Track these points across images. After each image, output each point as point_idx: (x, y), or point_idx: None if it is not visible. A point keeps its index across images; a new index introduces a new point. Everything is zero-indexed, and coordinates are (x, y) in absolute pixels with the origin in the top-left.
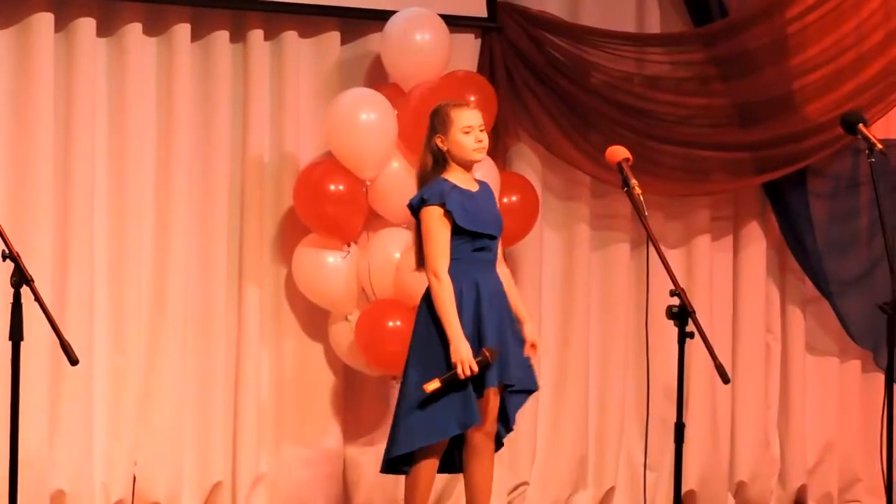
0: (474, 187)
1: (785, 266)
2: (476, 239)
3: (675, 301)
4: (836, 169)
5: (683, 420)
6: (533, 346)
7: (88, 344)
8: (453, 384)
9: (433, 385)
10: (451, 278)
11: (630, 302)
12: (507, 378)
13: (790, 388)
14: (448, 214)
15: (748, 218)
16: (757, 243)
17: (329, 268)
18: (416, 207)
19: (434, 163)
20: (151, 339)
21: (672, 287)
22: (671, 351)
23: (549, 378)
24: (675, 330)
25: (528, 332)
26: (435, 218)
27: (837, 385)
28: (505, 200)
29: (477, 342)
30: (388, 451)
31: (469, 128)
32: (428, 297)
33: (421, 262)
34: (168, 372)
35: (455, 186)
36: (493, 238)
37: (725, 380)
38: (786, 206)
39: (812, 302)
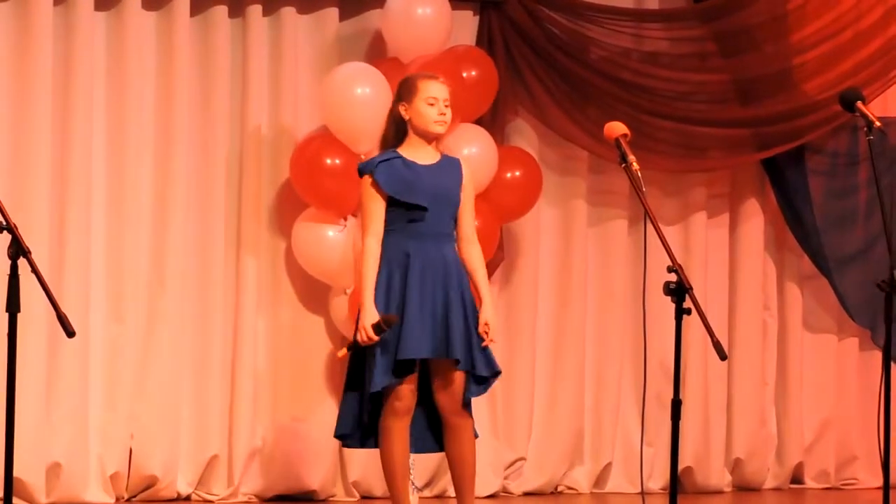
0: (430, 160)
1: (782, 243)
2: (410, 210)
3: (673, 277)
4: (835, 146)
5: (680, 397)
6: (485, 327)
7: (85, 316)
8: (361, 349)
9: (342, 352)
10: (384, 247)
11: (627, 278)
12: (449, 353)
13: (787, 366)
14: (375, 184)
15: (746, 195)
16: (754, 220)
17: (327, 241)
18: (359, 176)
19: (395, 132)
20: (149, 311)
21: (669, 263)
22: (668, 327)
23: (545, 354)
24: (673, 306)
25: (483, 312)
26: (365, 186)
27: (835, 363)
28: (508, 175)
29: (385, 310)
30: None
31: (434, 99)
32: None
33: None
34: (165, 345)
35: (396, 157)
36: (424, 210)
37: (722, 356)
38: (784, 182)
39: (810, 279)
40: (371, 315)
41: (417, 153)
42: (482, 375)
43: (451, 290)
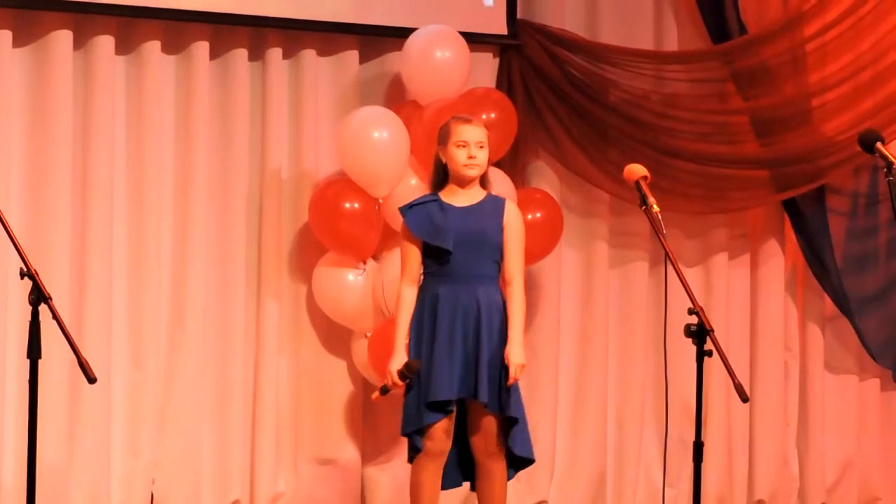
0: (468, 202)
1: (803, 283)
2: (440, 253)
3: (694, 319)
4: (855, 186)
5: (702, 438)
6: (507, 364)
7: (106, 361)
8: (388, 392)
9: (375, 394)
10: (420, 290)
11: (648, 320)
12: (477, 396)
13: (809, 407)
14: (406, 227)
15: (766, 235)
16: (775, 261)
17: (348, 285)
18: None
19: (435, 176)
20: (169, 356)
21: (690, 305)
22: (689, 369)
23: (567, 396)
24: (694, 348)
25: (507, 351)
26: (402, 230)
27: (856, 403)
28: (528, 217)
29: (415, 353)
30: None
31: (464, 142)
32: None
33: None
34: (186, 390)
35: (433, 201)
36: (449, 253)
37: (744, 398)
38: (804, 223)
39: (831, 320)
40: (398, 360)
41: (456, 196)
42: (520, 457)
43: (481, 332)
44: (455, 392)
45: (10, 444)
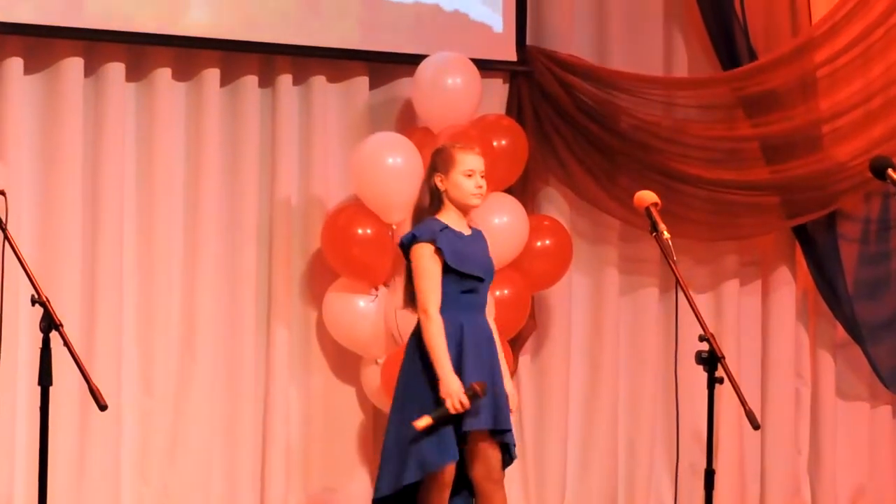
0: (466, 231)
1: (815, 310)
2: (464, 280)
3: (705, 346)
4: (866, 212)
5: (714, 466)
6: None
7: (117, 388)
8: (445, 420)
9: (424, 421)
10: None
11: (659, 347)
12: (500, 423)
13: (821, 434)
14: (439, 252)
15: (777, 262)
16: (786, 287)
17: (358, 311)
18: (406, 245)
19: (430, 202)
20: (180, 382)
21: (701, 332)
22: (700, 396)
23: (577, 422)
24: (705, 375)
25: (506, 384)
26: (426, 255)
27: (868, 430)
28: (538, 244)
29: (460, 380)
30: (375, 490)
31: (471, 171)
32: (417, 335)
33: (409, 299)
34: (196, 417)
35: (446, 227)
36: (480, 281)
37: (755, 426)
38: (815, 249)
39: (842, 346)
40: (454, 383)
41: (456, 224)
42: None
43: (493, 360)
44: (488, 422)
45: (21, 470)
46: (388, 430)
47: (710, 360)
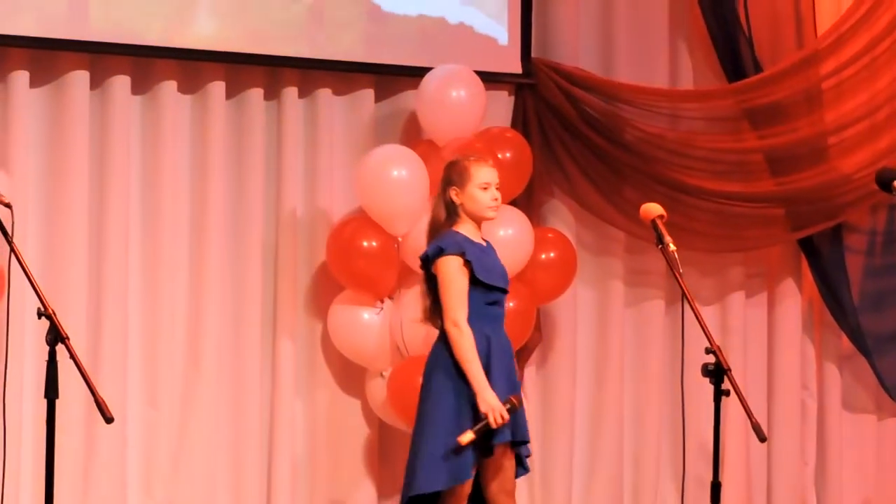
0: (483, 244)
1: (820, 322)
2: (489, 292)
3: (711, 359)
4: (872, 224)
5: (720, 478)
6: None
7: (122, 400)
8: (486, 434)
9: (467, 437)
10: None
11: (664, 359)
12: (521, 434)
13: (827, 446)
14: (467, 265)
15: (783, 274)
16: (792, 299)
17: (363, 324)
18: (431, 258)
19: (447, 215)
20: (185, 395)
21: (707, 344)
22: (707, 408)
23: (583, 435)
24: (711, 387)
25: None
26: (455, 268)
27: (874, 442)
28: (542, 257)
29: (460, 395)
30: (404, 491)
31: (487, 184)
32: (440, 348)
33: (430, 313)
34: (201, 429)
35: (468, 239)
36: (504, 292)
37: (762, 438)
38: (821, 261)
39: (848, 358)
40: (494, 396)
41: (473, 237)
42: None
43: (512, 372)
44: (510, 434)
45: (27, 483)
46: (418, 437)
47: (717, 373)
